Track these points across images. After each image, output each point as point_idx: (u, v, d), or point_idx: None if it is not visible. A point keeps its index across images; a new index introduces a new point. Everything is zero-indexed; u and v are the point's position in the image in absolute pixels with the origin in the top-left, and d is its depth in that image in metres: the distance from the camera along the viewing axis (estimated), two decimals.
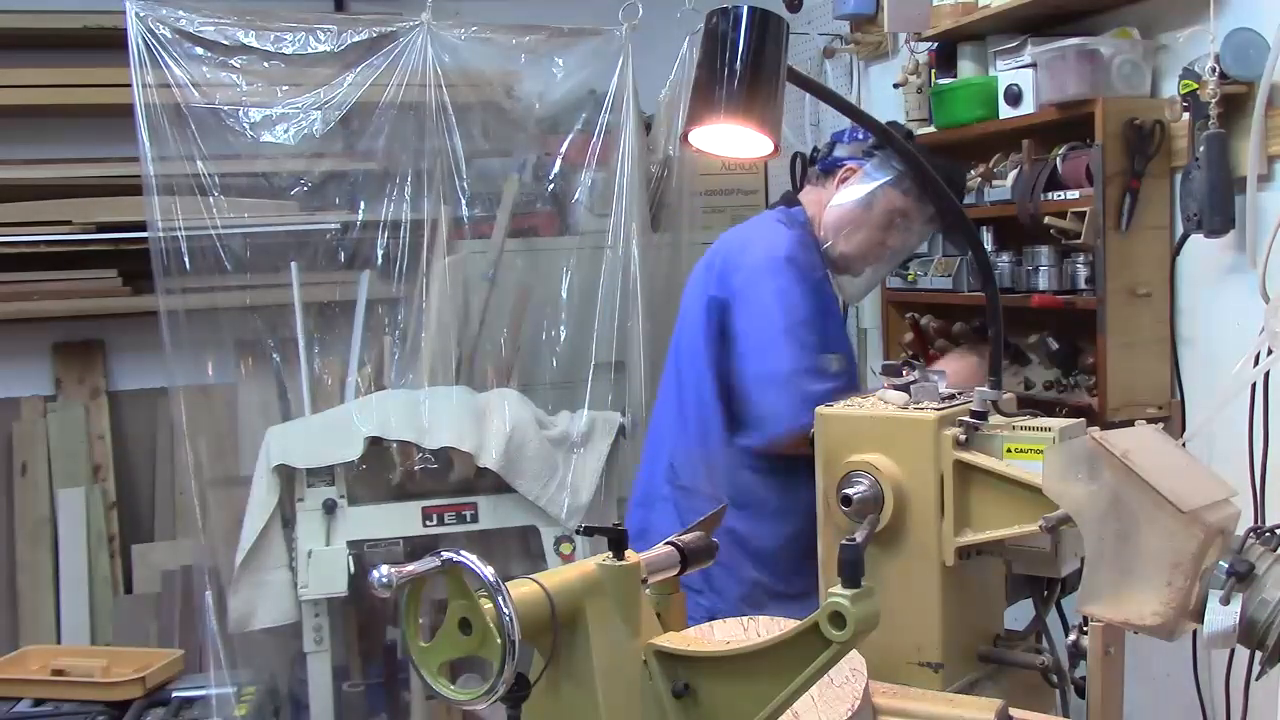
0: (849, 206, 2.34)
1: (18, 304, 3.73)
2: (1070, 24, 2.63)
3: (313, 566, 3.19)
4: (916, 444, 1.46)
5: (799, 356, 2.17)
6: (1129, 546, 1.20)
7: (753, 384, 2.21)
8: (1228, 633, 1.19)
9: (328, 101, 3.39)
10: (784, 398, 2.16)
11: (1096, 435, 1.26)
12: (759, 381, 2.20)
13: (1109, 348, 2.41)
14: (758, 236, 2.36)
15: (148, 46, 3.19)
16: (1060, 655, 1.52)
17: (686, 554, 1.40)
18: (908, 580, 1.48)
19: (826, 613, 1.06)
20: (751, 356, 2.22)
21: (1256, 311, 2.09)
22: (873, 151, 2.35)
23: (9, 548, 3.83)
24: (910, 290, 3.10)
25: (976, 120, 2.78)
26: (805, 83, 1.58)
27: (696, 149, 1.55)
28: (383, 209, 3.52)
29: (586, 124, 3.64)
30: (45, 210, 3.70)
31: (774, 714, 1.11)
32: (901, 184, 2.30)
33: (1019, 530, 1.41)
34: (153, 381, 3.90)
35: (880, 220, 2.34)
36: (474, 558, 1.11)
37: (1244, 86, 2.19)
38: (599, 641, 1.20)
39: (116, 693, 2.54)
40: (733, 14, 1.42)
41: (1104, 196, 2.38)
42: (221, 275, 3.32)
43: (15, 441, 3.90)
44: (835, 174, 2.39)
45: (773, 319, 2.21)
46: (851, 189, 2.35)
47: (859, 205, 2.34)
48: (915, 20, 2.90)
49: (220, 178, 3.33)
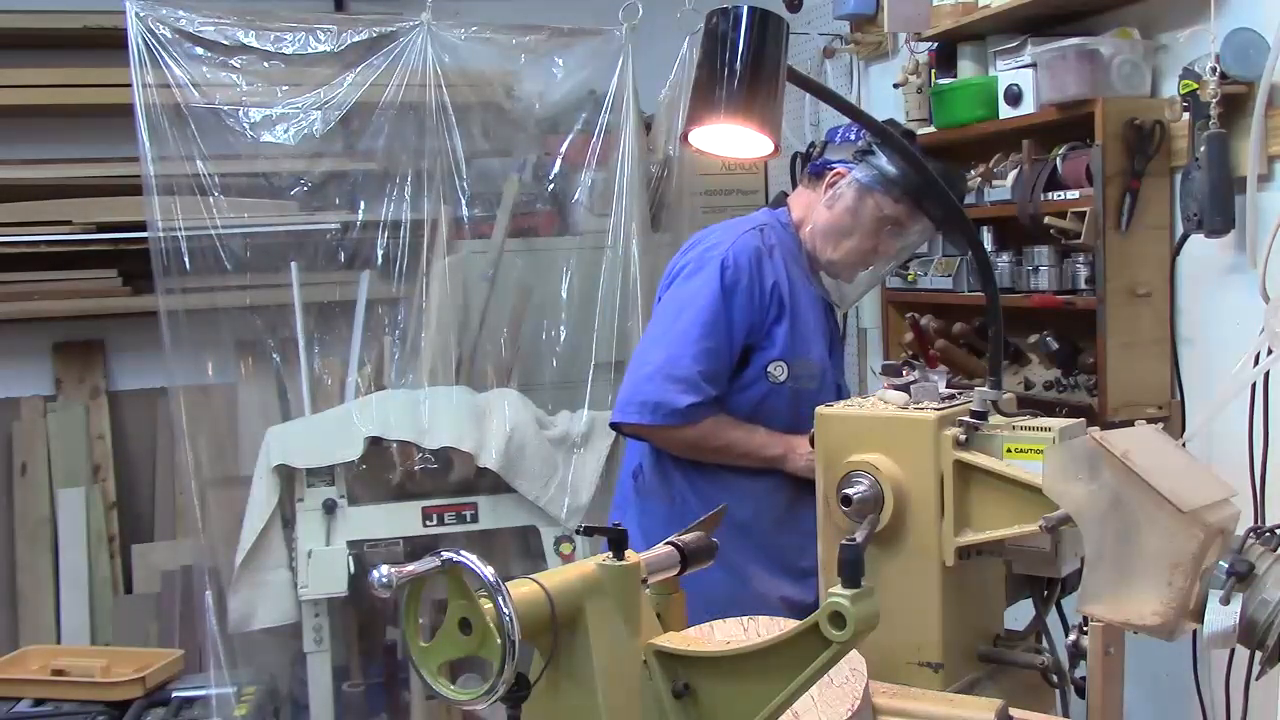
0: (837, 212, 2.25)
1: (18, 304, 3.73)
2: (1070, 24, 2.63)
3: (313, 566, 3.19)
4: (916, 444, 1.46)
5: (674, 359, 2.13)
6: (1129, 546, 1.20)
7: (629, 367, 2.24)
8: (1228, 633, 1.19)
9: (328, 101, 3.40)
10: (632, 387, 2.16)
11: (1096, 435, 1.26)
12: (631, 365, 2.23)
13: (1109, 348, 2.41)
14: (714, 235, 2.28)
15: (148, 46, 3.20)
16: (1060, 655, 1.52)
17: (686, 554, 1.40)
18: (908, 580, 1.48)
19: (826, 613, 1.06)
20: (641, 343, 2.29)
21: (1256, 311, 2.09)
22: (863, 155, 2.26)
23: (9, 548, 3.83)
24: (910, 290, 3.11)
25: (976, 120, 2.78)
26: (805, 83, 1.58)
27: (696, 149, 1.55)
28: (383, 209, 3.52)
29: (586, 124, 3.64)
30: (45, 210, 3.70)
31: (774, 714, 1.11)
32: (891, 190, 2.20)
33: (1019, 530, 1.41)
34: (153, 381, 3.90)
35: (869, 227, 2.25)
36: (474, 558, 1.11)
37: (1244, 86, 2.19)
38: (599, 641, 1.20)
39: (116, 693, 2.54)
40: (733, 14, 1.42)
41: (1104, 196, 2.38)
42: (221, 275, 3.33)
43: (15, 441, 3.90)
44: (825, 177, 2.31)
45: (670, 314, 2.19)
46: (839, 194, 2.26)
47: (846, 212, 2.25)
48: (915, 20, 2.90)
49: (220, 178, 3.34)
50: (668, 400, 2.12)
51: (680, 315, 2.17)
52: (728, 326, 2.15)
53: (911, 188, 2.17)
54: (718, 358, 2.15)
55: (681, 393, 2.11)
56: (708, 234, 2.31)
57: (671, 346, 2.15)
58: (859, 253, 2.28)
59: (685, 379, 2.12)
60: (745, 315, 2.16)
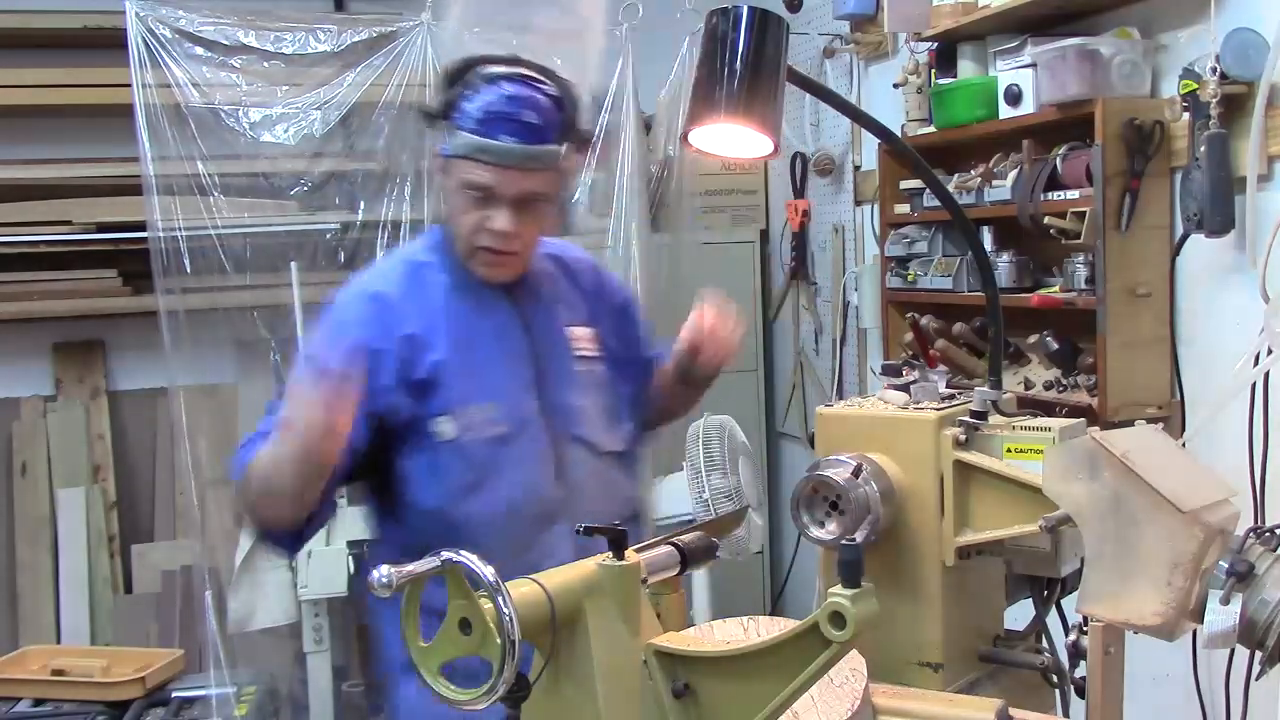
0: (446, 199, 1.85)
1: (18, 304, 3.73)
2: (1070, 24, 2.63)
3: (312, 566, 3.19)
4: (916, 444, 1.46)
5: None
6: (1129, 546, 1.20)
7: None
8: (1228, 633, 1.19)
9: (328, 101, 3.40)
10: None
11: (1096, 435, 1.26)
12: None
13: (1109, 348, 2.41)
14: (342, 292, 1.90)
15: (148, 46, 3.20)
16: (1060, 655, 1.52)
17: (686, 554, 1.40)
18: (908, 580, 1.47)
19: (826, 613, 1.06)
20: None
21: (1256, 311, 2.09)
22: (431, 121, 1.83)
23: (9, 548, 3.84)
24: (910, 290, 3.11)
25: (976, 120, 2.78)
26: (805, 83, 1.57)
27: (696, 149, 1.55)
28: (383, 209, 3.52)
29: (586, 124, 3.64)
30: (45, 210, 3.70)
31: (774, 714, 1.11)
32: (468, 150, 1.75)
33: (1019, 530, 1.40)
34: (153, 381, 3.90)
35: (462, 206, 1.79)
36: (474, 558, 1.11)
37: (1244, 86, 2.19)
38: (599, 641, 1.20)
39: (116, 693, 2.54)
40: (733, 14, 1.42)
41: (1104, 196, 2.38)
42: (221, 275, 3.33)
43: (15, 441, 3.90)
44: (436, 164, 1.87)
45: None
46: (438, 180, 1.88)
47: (445, 192, 1.84)
48: (915, 20, 2.90)
49: (220, 178, 3.34)
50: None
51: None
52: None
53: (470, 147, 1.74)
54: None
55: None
56: (354, 276, 1.93)
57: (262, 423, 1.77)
58: (472, 229, 1.80)
59: (258, 435, 1.73)
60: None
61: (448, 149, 1.79)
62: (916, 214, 3.13)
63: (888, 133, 1.70)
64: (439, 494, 1.80)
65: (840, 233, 4.03)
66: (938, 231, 3.09)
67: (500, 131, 1.74)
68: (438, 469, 1.79)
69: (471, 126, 1.75)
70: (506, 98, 1.76)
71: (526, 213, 1.80)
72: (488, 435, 1.80)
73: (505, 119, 1.75)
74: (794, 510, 1.44)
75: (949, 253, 3.04)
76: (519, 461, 1.82)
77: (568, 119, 1.82)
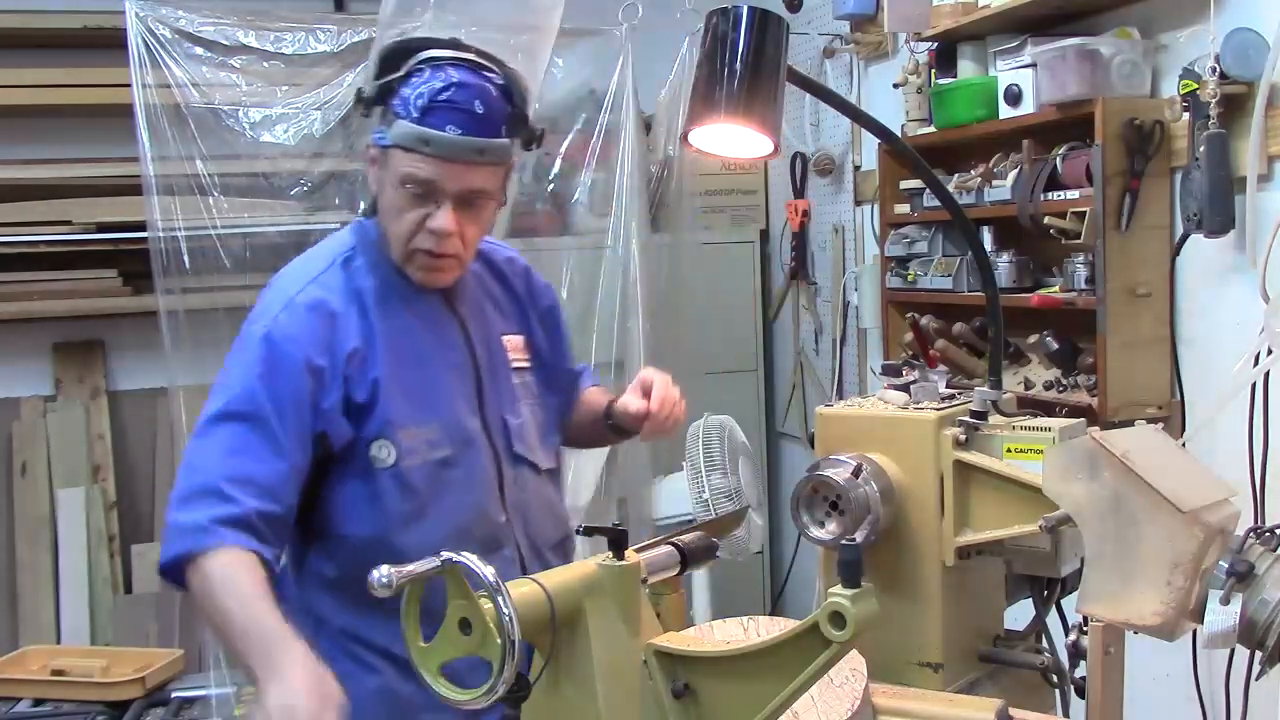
0: (380, 195, 1.69)
1: (18, 304, 3.73)
2: (1070, 24, 2.63)
3: None
4: (916, 444, 1.46)
5: (194, 468, 1.59)
6: (1129, 546, 1.20)
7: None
8: (1228, 633, 1.19)
9: (328, 101, 3.39)
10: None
11: (1096, 435, 1.26)
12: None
13: (1109, 348, 2.41)
14: (268, 294, 1.76)
15: (147, 46, 3.19)
16: (1060, 655, 1.52)
17: (686, 554, 1.40)
18: (908, 580, 1.47)
19: (826, 613, 1.06)
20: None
21: (1256, 311, 2.09)
22: (367, 112, 1.69)
23: (9, 548, 3.83)
24: (910, 290, 3.11)
25: (976, 120, 2.79)
26: (805, 83, 1.57)
27: (696, 149, 1.55)
28: None
29: (586, 124, 3.64)
30: (45, 210, 3.70)
31: (774, 714, 1.11)
32: (408, 140, 1.60)
33: (1019, 530, 1.41)
34: (153, 381, 3.90)
35: (399, 203, 1.64)
36: (474, 558, 1.11)
37: (1244, 86, 2.19)
38: (599, 641, 1.20)
39: (116, 693, 2.54)
40: (733, 14, 1.42)
41: (1104, 196, 2.38)
42: (221, 275, 3.32)
43: (15, 441, 3.90)
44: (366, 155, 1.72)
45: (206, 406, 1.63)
46: (374, 172, 1.71)
47: (380, 186, 1.69)
48: (915, 20, 2.90)
49: (220, 178, 3.33)
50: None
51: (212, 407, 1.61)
52: (278, 418, 1.57)
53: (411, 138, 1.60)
54: (260, 459, 1.56)
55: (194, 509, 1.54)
56: (275, 281, 1.80)
57: (195, 455, 1.61)
58: (408, 229, 1.65)
59: (205, 490, 1.54)
60: (304, 400, 1.59)
61: (385, 139, 1.63)
62: (916, 214, 3.13)
63: (888, 133, 1.70)
64: (376, 524, 1.63)
65: (840, 233, 4.03)
66: (938, 231, 3.09)
67: (446, 121, 1.59)
68: (376, 497, 1.63)
69: (412, 115, 1.60)
70: (454, 85, 1.60)
71: (469, 211, 1.66)
72: (430, 459, 1.65)
73: (451, 108, 1.59)
74: (794, 510, 1.44)
75: (949, 253, 3.04)
76: (463, 485, 1.68)
77: (517, 111, 1.69)
